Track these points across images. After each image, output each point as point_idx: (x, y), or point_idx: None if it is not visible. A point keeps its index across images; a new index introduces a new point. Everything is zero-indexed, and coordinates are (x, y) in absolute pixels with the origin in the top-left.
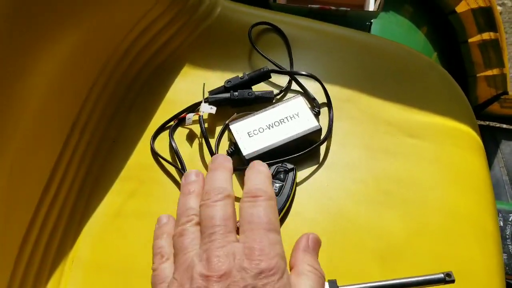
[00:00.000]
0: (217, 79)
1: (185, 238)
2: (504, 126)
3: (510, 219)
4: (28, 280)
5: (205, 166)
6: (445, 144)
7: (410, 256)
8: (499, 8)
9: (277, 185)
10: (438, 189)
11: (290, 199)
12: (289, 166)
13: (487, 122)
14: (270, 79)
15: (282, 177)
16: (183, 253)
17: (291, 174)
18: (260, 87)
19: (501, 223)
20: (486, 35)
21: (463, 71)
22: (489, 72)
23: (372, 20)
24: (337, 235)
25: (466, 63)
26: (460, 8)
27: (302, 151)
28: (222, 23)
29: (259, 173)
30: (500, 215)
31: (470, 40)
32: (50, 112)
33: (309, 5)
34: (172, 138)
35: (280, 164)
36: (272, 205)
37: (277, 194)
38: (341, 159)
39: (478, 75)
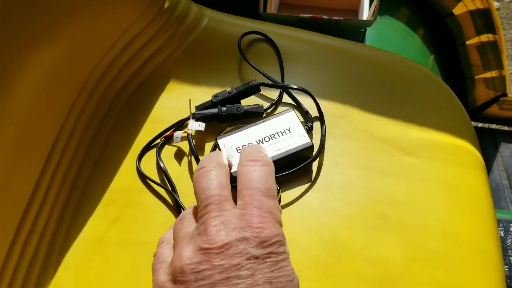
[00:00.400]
0: (204, 94)
1: (184, 221)
2: (504, 128)
3: (511, 229)
4: None
5: None
6: (444, 161)
7: (409, 284)
8: (496, 4)
9: None
10: (438, 212)
11: None
12: None
13: (486, 125)
14: (261, 92)
15: None
16: (182, 232)
17: None
18: (250, 101)
19: (502, 234)
20: (484, 37)
21: (461, 73)
22: (487, 74)
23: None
24: (331, 263)
25: (464, 66)
26: (458, 10)
27: (293, 169)
28: (209, 35)
29: (256, 146)
30: (500, 225)
31: (468, 42)
32: (27, 134)
33: (300, 15)
34: (160, 157)
35: None
36: (271, 170)
37: None
38: (335, 179)
39: (476, 77)
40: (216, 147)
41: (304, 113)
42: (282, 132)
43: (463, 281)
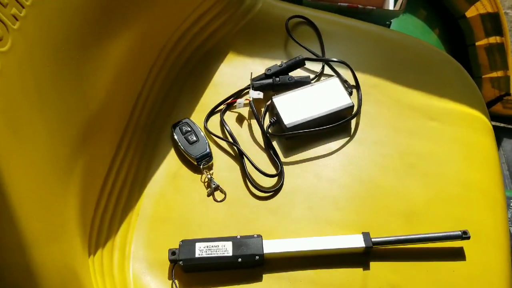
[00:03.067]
0: (257, 65)
1: None
2: (506, 125)
3: (510, 205)
4: (102, 231)
5: (253, 142)
6: (460, 126)
7: (430, 217)
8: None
9: None
10: (454, 163)
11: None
12: None
13: (491, 122)
14: (305, 66)
15: None
16: None
17: None
18: (296, 73)
19: None
20: (492, 39)
21: (470, 72)
22: (493, 74)
23: (392, 20)
24: (368, 198)
25: (472, 65)
26: (470, 13)
27: (336, 123)
28: (262, 16)
29: None
30: None
31: (477, 43)
32: (120, 85)
33: (338, 3)
34: (223, 119)
35: None
36: None
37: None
38: (370, 136)
39: (483, 76)
40: (271, 105)
41: (343, 82)
42: (327, 94)
43: (473, 217)
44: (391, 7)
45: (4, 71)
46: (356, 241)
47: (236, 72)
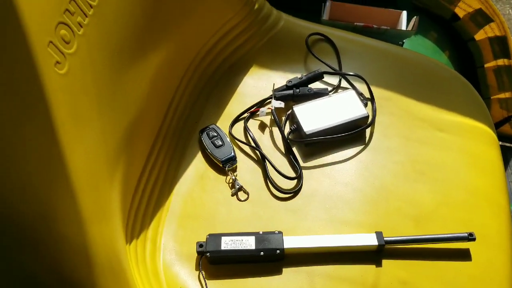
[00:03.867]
0: (278, 78)
1: None
2: None
3: None
4: (137, 224)
5: (274, 147)
6: (467, 138)
7: (438, 220)
8: None
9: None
10: (461, 172)
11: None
12: None
13: (500, 142)
14: (323, 79)
15: None
16: None
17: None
18: (315, 86)
19: None
20: (500, 61)
21: (479, 93)
22: (502, 95)
23: (404, 41)
24: (381, 202)
25: (482, 86)
26: (479, 36)
27: (352, 131)
28: (284, 33)
29: None
30: None
31: (486, 65)
32: (155, 93)
33: (355, 23)
34: (247, 126)
35: None
36: None
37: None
38: (383, 144)
39: (492, 97)
40: (292, 114)
41: (359, 94)
42: (344, 105)
43: (479, 221)
44: (403, 27)
45: (70, 70)
46: (370, 239)
47: (259, 83)
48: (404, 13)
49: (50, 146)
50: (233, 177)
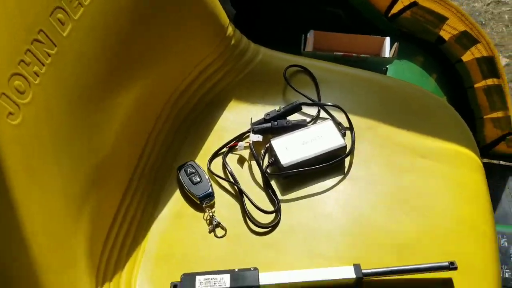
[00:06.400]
0: (257, 111)
1: None
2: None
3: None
4: (110, 266)
5: (253, 181)
6: (451, 164)
7: (421, 250)
8: (506, 60)
9: None
10: (445, 199)
11: None
12: None
13: (498, 161)
14: (302, 110)
15: None
16: None
17: None
18: (293, 118)
19: (506, 244)
20: (490, 81)
21: (471, 113)
22: (494, 115)
23: (387, 66)
24: (361, 235)
25: (473, 106)
26: (466, 58)
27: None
28: (262, 66)
29: None
30: (505, 236)
31: (476, 85)
32: (127, 134)
33: (334, 53)
34: (226, 161)
35: None
36: None
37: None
38: (363, 173)
39: (485, 117)
40: (269, 147)
41: (337, 124)
42: (321, 136)
43: (463, 250)
44: (387, 54)
45: (24, 120)
46: (347, 273)
47: (237, 118)
48: (387, 40)
49: (0, 197)
50: (211, 214)
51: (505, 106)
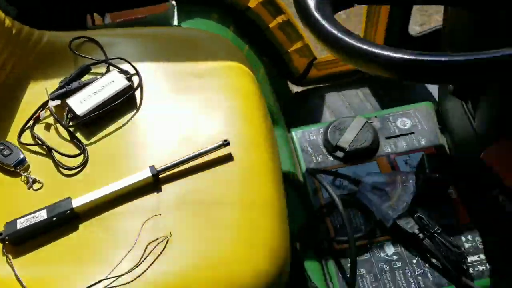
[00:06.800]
0: (56, 85)
1: None
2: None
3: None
4: None
5: (62, 138)
6: (225, 76)
7: (204, 139)
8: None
9: None
10: (221, 98)
11: None
12: None
13: (313, 86)
14: (92, 71)
15: None
16: None
17: None
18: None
19: None
20: (279, 18)
21: (276, 50)
22: (295, 46)
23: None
24: (156, 143)
25: (276, 44)
26: (252, 4)
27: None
28: (51, 46)
29: None
30: None
31: (270, 25)
32: None
33: (117, 21)
34: (33, 132)
35: None
36: None
37: None
38: (154, 104)
39: (289, 50)
40: (67, 107)
41: (123, 72)
42: (109, 83)
43: (238, 132)
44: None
45: None
46: (145, 174)
47: (39, 96)
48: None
49: None
50: (26, 175)
51: (300, 36)
